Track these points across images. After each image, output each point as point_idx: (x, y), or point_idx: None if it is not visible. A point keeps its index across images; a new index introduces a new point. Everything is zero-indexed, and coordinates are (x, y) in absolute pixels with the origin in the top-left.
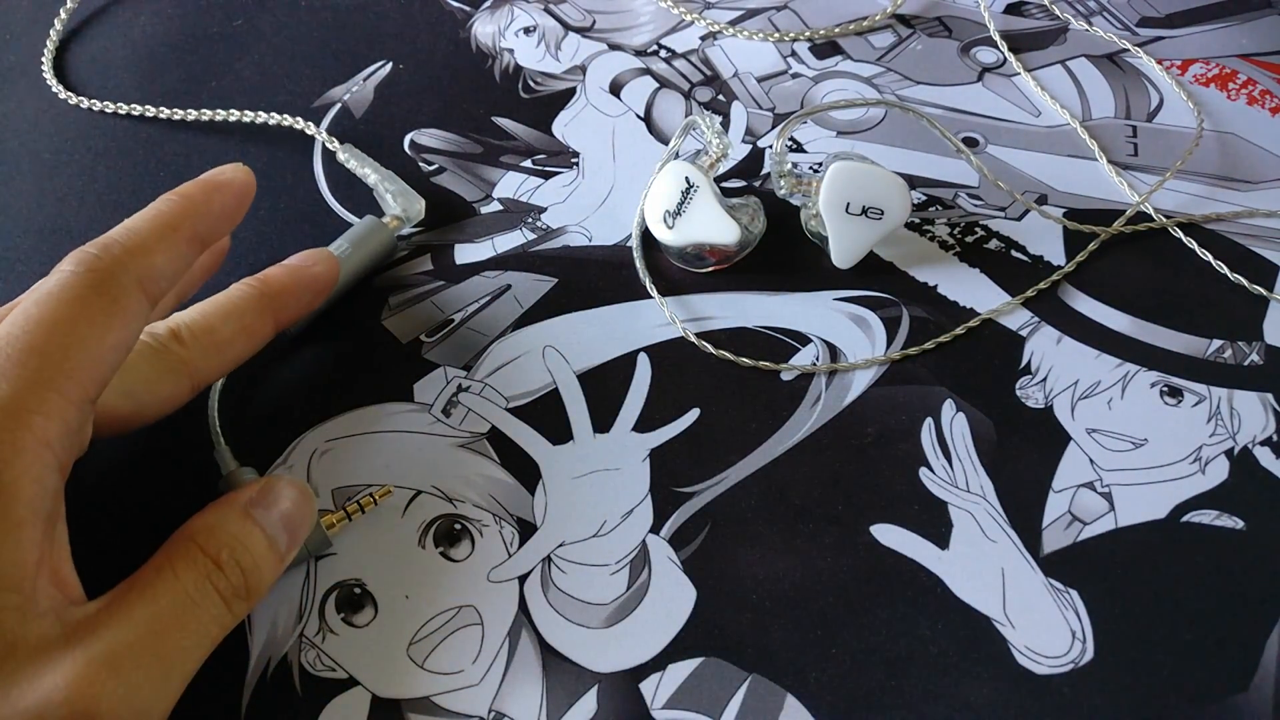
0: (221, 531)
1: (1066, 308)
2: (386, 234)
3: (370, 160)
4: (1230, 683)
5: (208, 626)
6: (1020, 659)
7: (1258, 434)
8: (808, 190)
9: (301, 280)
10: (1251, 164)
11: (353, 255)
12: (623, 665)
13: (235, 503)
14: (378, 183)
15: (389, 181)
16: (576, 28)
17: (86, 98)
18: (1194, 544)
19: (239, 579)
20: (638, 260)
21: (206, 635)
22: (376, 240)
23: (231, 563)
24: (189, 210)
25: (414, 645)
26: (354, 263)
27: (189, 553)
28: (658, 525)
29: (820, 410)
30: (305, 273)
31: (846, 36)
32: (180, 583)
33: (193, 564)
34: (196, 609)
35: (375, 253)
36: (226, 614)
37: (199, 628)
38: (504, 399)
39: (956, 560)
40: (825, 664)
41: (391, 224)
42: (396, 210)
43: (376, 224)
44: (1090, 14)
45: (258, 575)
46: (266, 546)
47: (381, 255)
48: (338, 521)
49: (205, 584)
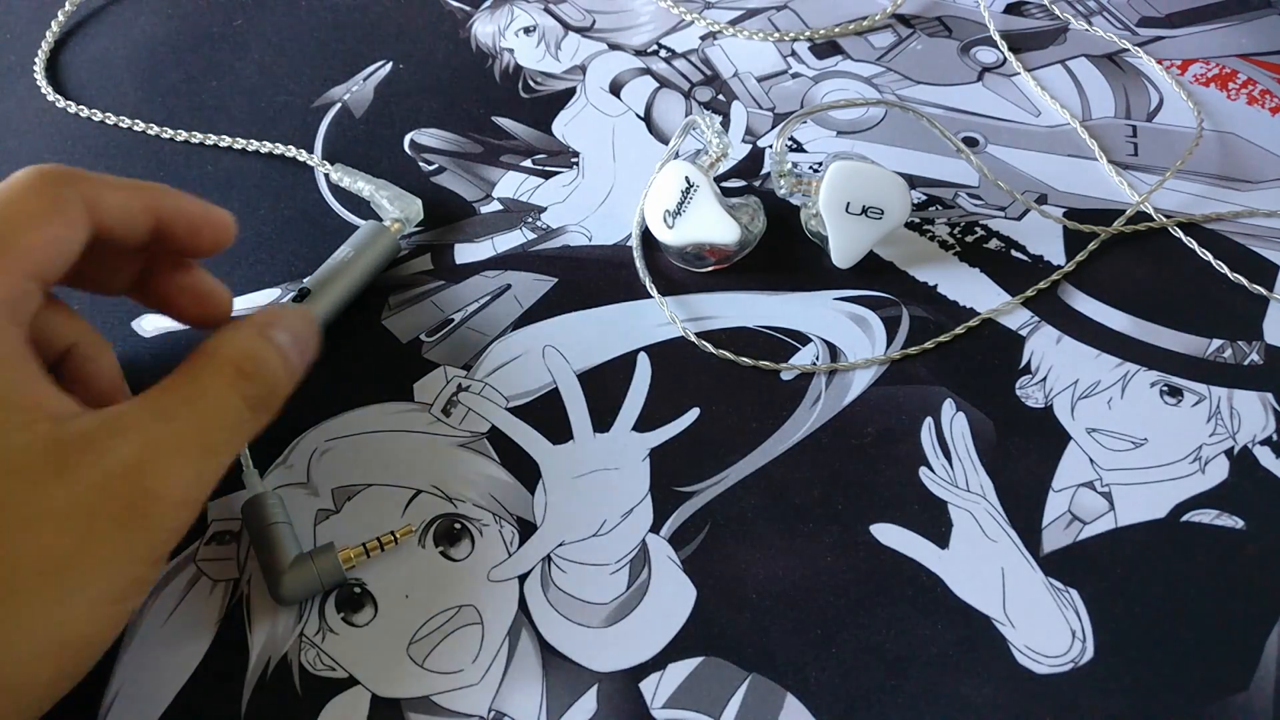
0: (242, 346)
1: (1066, 307)
2: (389, 238)
3: (361, 174)
4: (1230, 682)
5: (236, 429)
6: (1020, 658)
7: (1257, 433)
8: (808, 190)
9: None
10: (1251, 164)
11: (356, 260)
12: (623, 665)
13: (250, 323)
14: (372, 194)
15: (383, 189)
16: (576, 28)
17: (85, 105)
18: (1194, 543)
19: (262, 388)
20: (638, 260)
21: (236, 435)
22: (379, 244)
23: (255, 373)
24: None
25: (414, 645)
26: (358, 267)
27: (214, 365)
28: (658, 525)
29: (820, 410)
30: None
31: (846, 36)
32: (211, 389)
33: (220, 374)
34: (227, 412)
35: (378, 256)
36: (251, 420)
37: (230, 428)
38: (504, 398)
39: (956, 560)
40: (825, 664)
41: (393, 227)
42: (396, 214)
43: (378, 228)
44: (1090, 14)
45: (275, 388)
46: (281, 363)
47: (385, 258)
48: (355, 557)
49: (232, 391)
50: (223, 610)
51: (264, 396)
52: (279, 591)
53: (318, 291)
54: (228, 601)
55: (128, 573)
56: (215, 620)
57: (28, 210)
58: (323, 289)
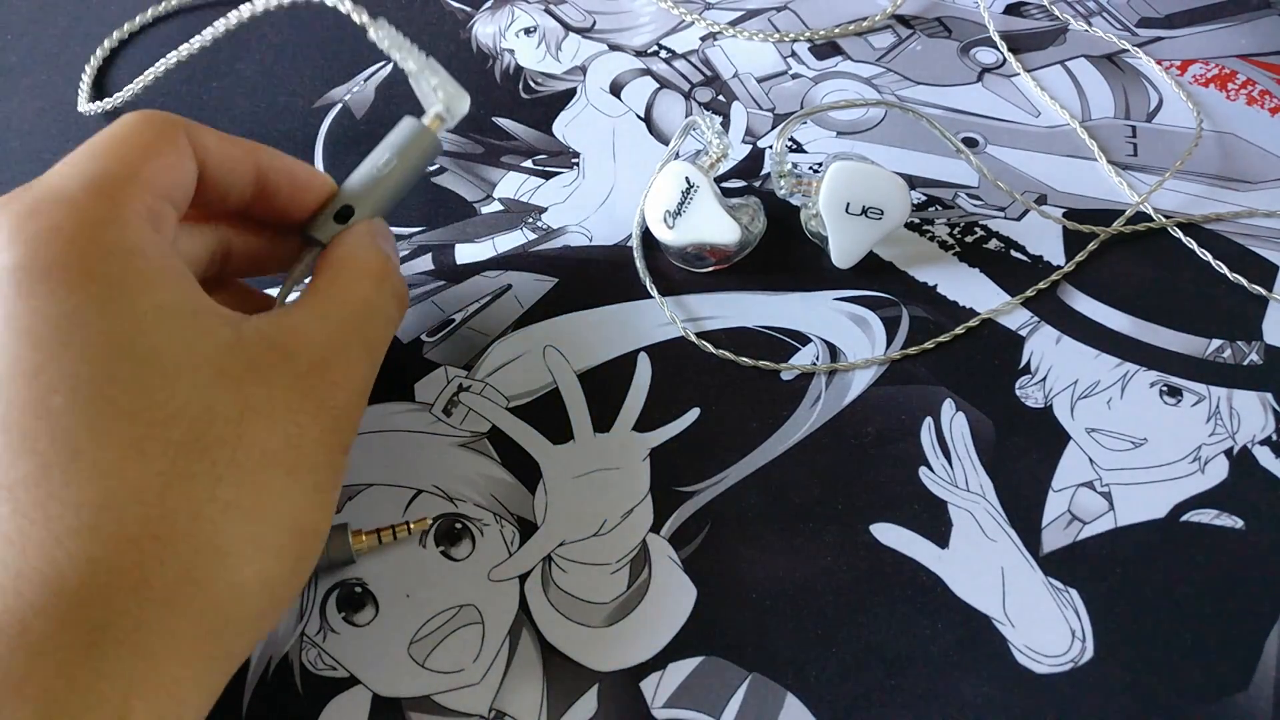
0: (373, 250)
1: (1066, 307)
2: (429, 139)
3: (410, 45)
4: (1230, 682)
5: (388, 324)
6: (1020, 658)
7: (1257, 433)
8: (808, 190)
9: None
10: (1251, 164)
11: (398, 168)
12: (623, 664)
13: (363, 232)
14: (416, 73)
15: (431, 72)
16: (577, 28)
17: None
18: (1194, 543)
19: (401, 287)
20: (638, 260)
21: (389, 330)
22: (419, 147)
23: (392, 273)
24: (269, 149)
25: (415, 644)
26: (401, 178)
27: (356, 270)
28: (658, 524)
29: (820, 410)
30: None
31: (846, 37)
32: (360, 290)
33: (365, 276)
34: (380, 309)
35: (420, 161)
36: (397, 314)
37: (385, 323)
38: (504, 398)
39: (956, 559)
40: (825, 663)
41: (433, 124)
42: (438, 107)
43: (417, 128)
44: (1090, 14)
45: (405, 285)
46: (395, 269)
47: (426, 163)
48: (366, 540)
49: (381, 288)
50: None
51: (403, 294)
52: None
53: (361, 210)
54: None
55: (328, 462)
56: None
57: (143, 141)
58: (366, 206)
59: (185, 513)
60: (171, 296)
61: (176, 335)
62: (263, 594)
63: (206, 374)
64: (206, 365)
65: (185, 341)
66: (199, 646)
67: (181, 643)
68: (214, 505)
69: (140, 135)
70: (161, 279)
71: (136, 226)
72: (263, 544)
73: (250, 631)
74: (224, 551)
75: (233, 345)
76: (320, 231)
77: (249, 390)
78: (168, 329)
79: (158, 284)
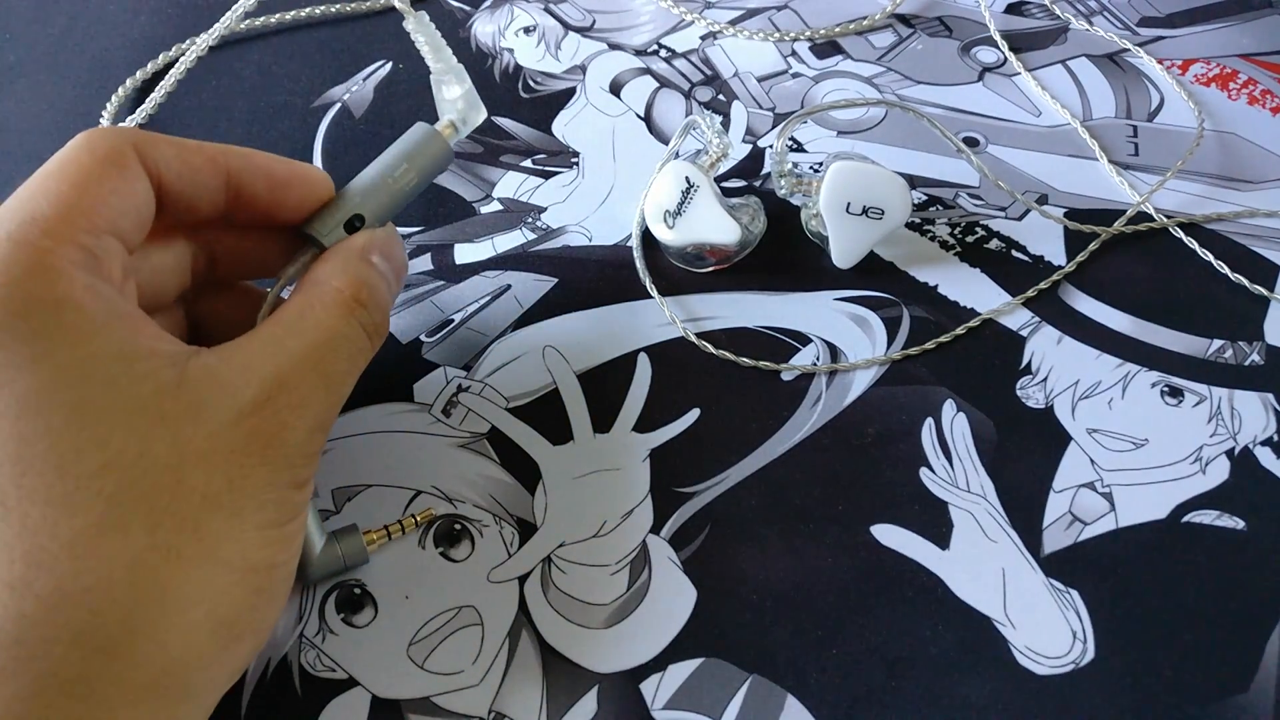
0: (353, 274)
1: (1067, 308)
2: (443, 149)
3: (444, 45)
4: (1230, 683)
5: (356, 356)
6: (1021, 659)
7: (1258, 434)
8: (808, 190)
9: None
10: (1252, 164)
11: (408, 176)
12: (623, 665)
13: (354, 249)
14: (438, 73)
15: (458, 80)
16: (576, 27)
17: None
18: (1194, 544)
19: (377, 314)
20: (638, 260)
21: (356, 363)
22: (431, 156)
23: (370, 300)
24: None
25: (414, 645)
26: (411, 185)
27: (328, 295)
28: (658, 525)
29: (820, 410)
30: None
31: (847, 36)
32: (327, 320)
33: (335, 304)
34: (347, 341)
35: (432, 170)
36: (367, 345)
37: (351, 356)
38: (504, 399)
39: (957, 560)
40: (825, 664)
41: (445, 132)
42: (454, 116)
43: (429, 135)
44: (1091, 14)
45: (386, 313)
46: (385, 289)
47: (437, 171)
48: (378, 538)
49: (349, 318)
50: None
51: (379, 323)
52: (308, 573)
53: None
54: None
55: (278, 499)
56: None
57: (83, 168)
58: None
59: (121, 562)
60: (104, 344)
61: (110, 383)
62: (219, 632)
63: (142, 421)
64: (142, 412)
65: (119, 388)
66: (152, 690)
67: (128, 689)
68: (153, 553)
69: (79, 166)
70: (92, 327)
71: (66, 274)
72: (209, 585)
73: (214, 667)
74: (166, 597)
75: (172, 387)
76: (325, 237)
77: (187, 434)
78: (100, 378)
79: (89, 333)
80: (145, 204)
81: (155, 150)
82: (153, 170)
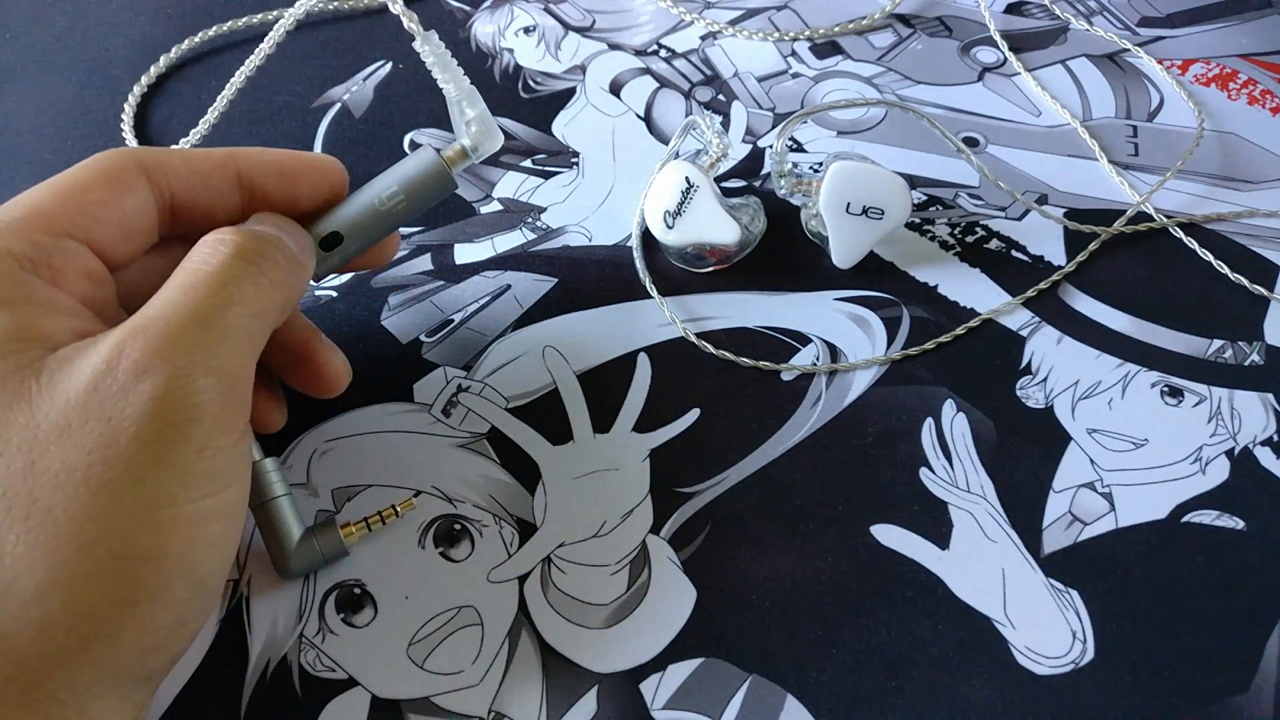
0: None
1: (1067, 308)
2: (444, 180)
3: (455, 67)
4: (1231, 683)
5: (239, 286)
6: (1020, 659)
7: (1258, 434)
8: (808, 190)
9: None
10: (1252, 164)
11: (399, 206)
12: (623, 665)
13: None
14: (454, 97)
15: (470, 104)
16: (576, 27)
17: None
18: (1194, 544)
19: (254, 243)
20: (638, 260)
21: (242, 296)
22: (431, 186)
23: (240, 234)
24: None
25: (414, 645)
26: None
27: (193, 252)
28: (658, 525)
29: (820, 410)
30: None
31: (846, 36)
32: (190, 265)
33: (198, 248)
34: (219, 274)
35: (427, 202)
36: (256, 273)
37: (228, 288)
38: (504, 399)
39: (957, 560)
40: (825, 664)
41: (453, 157)
42: (466, 141)
43: (435, 166)
44: (1090, 14)
45: (270, 248)
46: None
47: (433, 203)
48: (356, 530)
49: (217, 252)
50: (222, 611)
51: (255, 249)
52: (287, 567)
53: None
54: (227, 603)
55: (168, 468)
56: (215, 621)
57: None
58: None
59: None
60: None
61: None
62: (79, 628)
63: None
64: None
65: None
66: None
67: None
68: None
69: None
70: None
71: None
72: (62, 575)
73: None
74: (12, 589)
75: (36, 366)
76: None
77: (43, 410)
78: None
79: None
80: (137, 216)
81: (163, 165)
82: (162, 184)
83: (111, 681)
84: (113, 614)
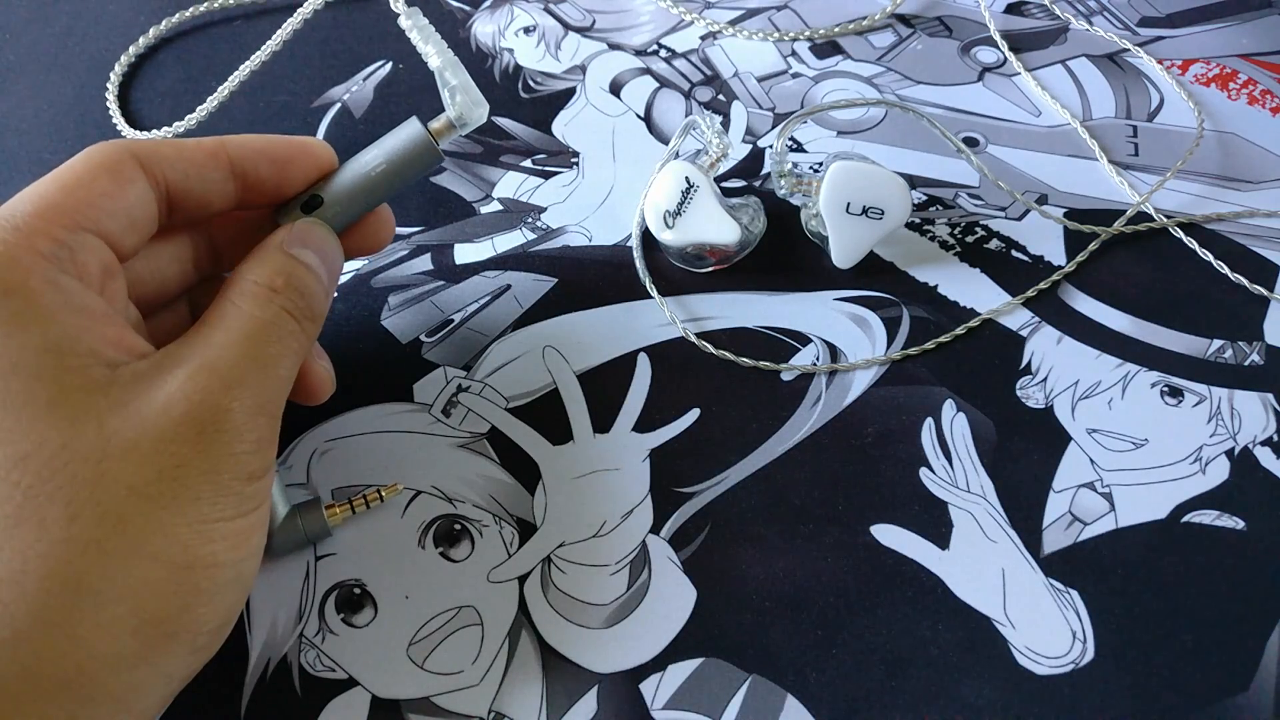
0: (270, 267)
1: (1067, 308)
2: (428, 150)
3: (438, 38)
4: (1230, 683)
5: (284, 339)
6: (1020, 659)
7: (1258, 434)
8: (808, 190)
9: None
10: (1252, 164)
11: (383, 177)
12: (623, 665)
13: (270, 243)
14: (439, 69)
15: (452, 73)
16: (576, 27)
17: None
18: (1194, 544)
19: (300, 300)
20: (638, 260)
21: (286, 345)
22: (415, 156)
23: (287, 286)
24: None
25: (414, 645)
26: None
27: (245, 288)
28: (658, 525)
29: (820, 410)
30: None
31: (846, 36)
32: (249, 310)
33: (254, 295)
34: (270, 324)
35: (411, 171)
36: (300, 331)
37: (278, 338)
38: (504, 399)
39: (957, 560)
40: (825, 664)
41: (439, 129)
42: (451, 113)
43: (418, 136)
44: (1090, 14)
45: (314, 298)
46: (306, 274)
47: (419, 173)
48: (340, 512)
49: (272, 305)
50: None
51: (303, 307)
52: (270, 545)
53: (331, 203)
54: None
55: (219, 492)
56: None
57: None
58: (337, 204)
59: (35, 554)
60: (41, 336)
61: (36, 375)
62: (145, 630)
63: (64, 413)
64: (66, 404)
65: (44, 381)
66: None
67: (38, 683)
68: (69, 545)
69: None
70: (36, 318)
71: (26, 265)
72: (133, 580)
73: (140, 668)
74: (83, 591)
75: (103, 383)
76: (284, 218)
77: (113, 425)
78: (28, 369)
79: (29, 323)
80: (140, 207)
81: (156, 156)
82: (157, 175)
83: (162, 682)
84: (173, 617)
